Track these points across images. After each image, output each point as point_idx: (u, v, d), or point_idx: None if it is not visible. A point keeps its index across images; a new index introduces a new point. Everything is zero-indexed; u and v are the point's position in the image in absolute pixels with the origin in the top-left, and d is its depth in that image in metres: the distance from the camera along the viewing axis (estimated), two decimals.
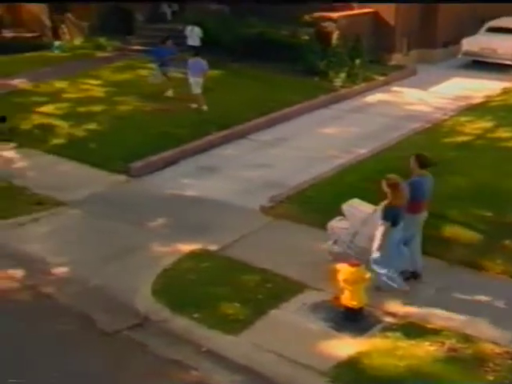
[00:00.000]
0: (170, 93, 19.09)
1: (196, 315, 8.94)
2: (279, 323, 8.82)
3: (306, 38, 22.08)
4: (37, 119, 17.78)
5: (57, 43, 27.21)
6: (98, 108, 18.24)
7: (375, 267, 9.22)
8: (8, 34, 30.50)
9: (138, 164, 14.38)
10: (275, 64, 21.22)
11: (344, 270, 8.46)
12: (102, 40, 26.29)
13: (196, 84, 18.13)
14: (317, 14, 22.65)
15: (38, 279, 10.40)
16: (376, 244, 9.12)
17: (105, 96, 19.46)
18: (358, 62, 21.98)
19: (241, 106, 18.33)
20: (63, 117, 17.69)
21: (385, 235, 8.98)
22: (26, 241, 11.57)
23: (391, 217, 8.95)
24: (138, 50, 24.49)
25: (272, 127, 17.48)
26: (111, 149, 15.48)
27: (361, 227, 9.83)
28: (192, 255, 10.67)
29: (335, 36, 22.21)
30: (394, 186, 9.03)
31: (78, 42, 28.02)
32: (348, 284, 8.45)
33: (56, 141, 16.40)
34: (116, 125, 16.93)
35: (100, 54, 25.55)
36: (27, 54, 26.22)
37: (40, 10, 30.52)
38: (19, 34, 30.44)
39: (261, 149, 16.03)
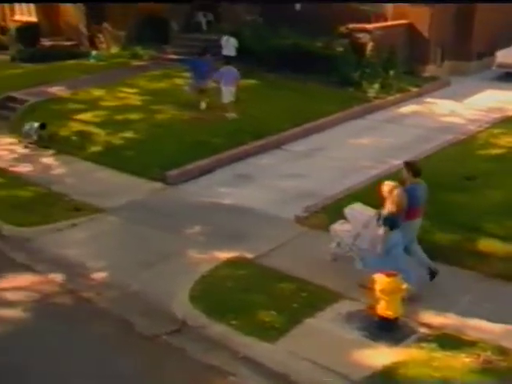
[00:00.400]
0: (203, 105, 19.13)
1: (233, 322, 9.08)
2: (315, 332, 8.94)
3: (341, 49, 22.20)
4: (75, 126, 18.16)
5: (94, 52, 27.72)
6: (134, 116, 18.54)
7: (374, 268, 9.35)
8: (46, 42, 31.11)
9: (174, 172, 14.62)
10: (310, 75, 21.34)
11: (380, 280, 8.56)
12: (138, 49, 26.66)
13: (228, 93, 18.32)
14: (351, 26, 22.78)
15: (77, 284, 10.66)
16: (379, 247, 9.46)
17: (141, 104, 19.75)
18: (391, 73, 22.07)
19: (275, 116, 18.47)
20: (101, 124, 18.03)
21: (384, 240, 9.38)
22: (65, 246, 11.86)
23: (389, 222, 9.37)
24: (173, 59, 24.82)
25: (306, 137, 17.63)
26: (148, 157, 15.74)
27: (362, 230, 10.18)
28: (228, 263, 10.83)
29: (369, 47, 22.34)
30: (390, 192, 9.57)
31: (114, 50, 28.47)
32: (384, 294, 8.54)
33: (94, 148, 16.74)
34: (153, 133, 17.20)
35: (136, 62, 25.90)
36: (65, 63, 26.78)
37: (78, 19, 31.10)
38: (57, 42, 31.04)
39: (295, 159, 16.18)
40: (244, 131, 17.20)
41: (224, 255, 11.10)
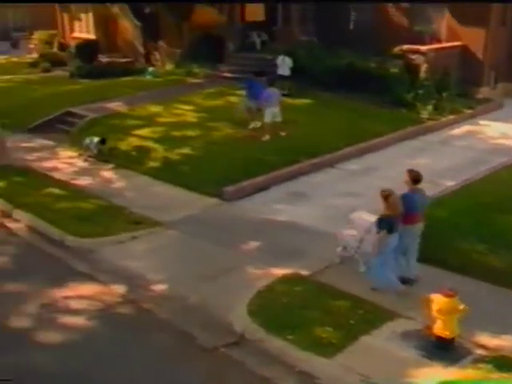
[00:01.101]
0: (256, 124, 19.35)
1: (290, 337, 9.29)
2: (371, 349, 9.09)
3: (395, 69, 22.38)
4: (133, 142, 18.67)
5: (150, 69, 28.38)
6: (190, 133, 18.97)
7: (374, 270, 10.36)
8: (104, 59, 32.03)
9: (230, 188, 14.94)
10: (363, 95, 21.57)
11: (438, 299, 8.69)
12: (193, 67, 27.22)
13: (270, 114, 18.46)
14: (405, 47, 22.96)
15: (138, 294, 11.00)
16: (374, 250, 10.20)
17: (197, 121, 20.20)
18: (445, 94, 22.16)
19: (329, 135, 18.72)
20: (158, 140, 18.51)
21: (381, 242, 10.02)
22: (126, 257, 12.24)
23: (386, 225, 10.01)
24: (228, 78, 25.33)
25: (360, 157, 17.82)
26: (204, 173, 16.10)
27: (365, 235, 10.89)
28: (284, 279, 11.05)
29: (423, 69, 22.48)
30: (386, 197, 10.13)
31: (169, 68, 29.11)
32: (441, 314, 8.67)
33: (152, 163, 17.18)
34: (208, 150, 17.57)
35: (191, 80, 26.50)
36: (122, 79, 27.49)
37: (134, 37, 31.93)
38: (114, 59, 31.93)
39: (349, 178, 16.37)
40: (298, 149, 17.44)
41: (280, 271, 11.33)
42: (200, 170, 16.37)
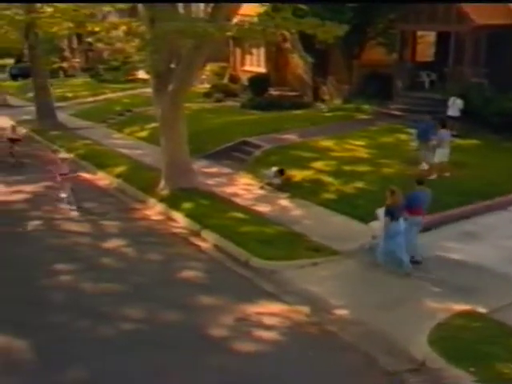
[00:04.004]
0: (424, 164, 19.71)
1: (471, 369, 9.72)
2: None
3: None
4: (308, 173, 19.74)
5: (321, 104, 29.57)
6: (362, 168, 19.72)
7: (380, 251, 13.49)
8: (273, 92, 33.62)
9: None
10: None
11: None
12: (362, 103, 28.06)
13: (441, 154, 18.82)
14: None
15: (321, 317, 11.86)
16: (380, 234, 13.48)
17: (368, 157, 20.94)
18: None
19: (499, 178, 18.76)
20: (331, 173, 19.46)
21: (386, 227, 13.18)
22: (307, 282, 13.17)
23: (389, 213, 13.14)
24: (396, 115, 25.92)
25: None
26: (377, 206, 16.73)
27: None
28: (463, 314, 11.49)
29: None
30: (392, 192, 13.25)
31: (337, 103, 30.15)
32: None
33: (327, 195, 18.13)
34: (382, 185, 18.15)
35: (360, 116, 27.36)
36: (292, 112, 28.87)
37: (303, 72, 33.33)
38: (283, 92, 33.47)
39: None
40: (468, 190, 17.67)
41: (456, 306, 11.77)
42: (374, 203, 16.96)
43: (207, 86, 38.36)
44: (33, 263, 14.77)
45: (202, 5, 26.80)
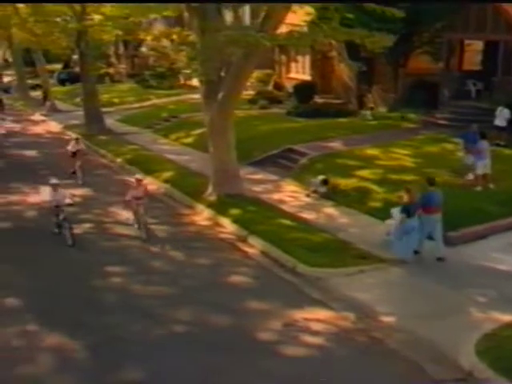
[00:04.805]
0: (470, 176, 19.45)
1: None
2: None
3: None
4: (353, 181, 19.84)
5: (366, 112, 29.64)
6: (408, 177, 19.64)
7: (393, 243, 14.62)
8: (318, 99, 33.81)
9: (454, 234, 15.54)
10: None
11: None
12: (407, 111, 28.04)
13: (483, 165, 18.68)
14: None
15: (367, 324, 12.04)
16: (394, 228, 14.68)
17: (414, 166, 20.91)
18: None
19: None
20: (377, 182, 19.50)
21: (401, 223, 14.30)
22: (354, 289, 13.35)
23: (405, 211, 14.27)
24: (442, 125, 25.86)
25: None
26: None
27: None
28: (510, 325, 11.56)
29: None
30: (408, 191, 14.49)
31: (382, 111, 30.18)
32: None
33: (372, 203, 18.24)
34: None
35: (405, 124, 27.36)
36: (337, 120, 29.00)
37: (349, 80, 33.44)
38: (328, 100, 33.63)
39: None
40: None
41: (505, 317, 11.81)
42: None
43: (252, 92, 38.66)
44: (87, 265, 15.28)
45: (248, 14, 27.17)
